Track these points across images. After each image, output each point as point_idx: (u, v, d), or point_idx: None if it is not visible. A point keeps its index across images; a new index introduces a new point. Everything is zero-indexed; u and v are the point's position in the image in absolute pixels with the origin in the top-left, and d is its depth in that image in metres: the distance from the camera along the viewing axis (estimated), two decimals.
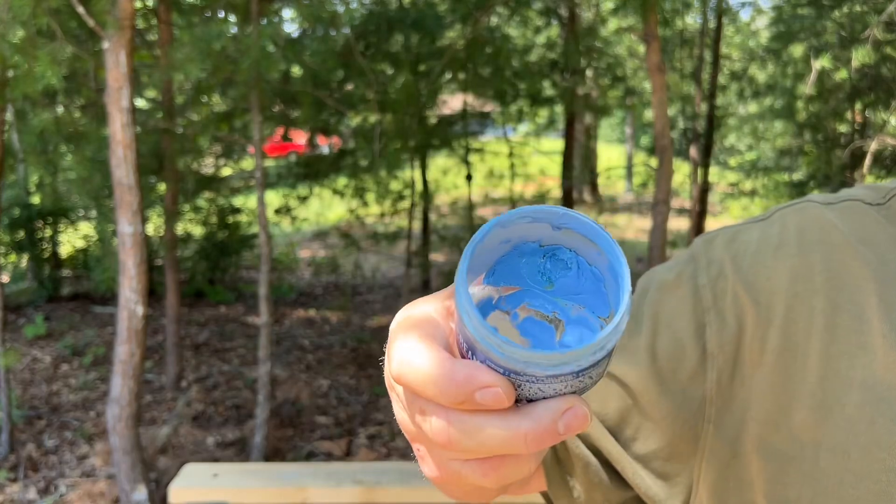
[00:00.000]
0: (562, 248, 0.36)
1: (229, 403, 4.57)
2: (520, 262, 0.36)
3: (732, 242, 0.59)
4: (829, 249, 0.54)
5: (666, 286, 0.60)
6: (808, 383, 0.51)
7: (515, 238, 0.35)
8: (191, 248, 7.89)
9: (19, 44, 2.80)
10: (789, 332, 0.53)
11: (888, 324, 0.49)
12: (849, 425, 0.49)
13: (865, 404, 0.49)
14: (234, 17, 4.20)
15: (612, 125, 25.26)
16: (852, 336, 0.51)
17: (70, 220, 7.19)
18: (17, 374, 4.99)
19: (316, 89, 3.91)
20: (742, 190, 10.15)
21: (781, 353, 0.53)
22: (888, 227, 0.53)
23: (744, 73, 9.93)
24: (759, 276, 0.55)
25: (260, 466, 1.86)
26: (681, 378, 0.57)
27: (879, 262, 0.52)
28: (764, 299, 0.54)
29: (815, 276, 0.53)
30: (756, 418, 0.53)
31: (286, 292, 7.94)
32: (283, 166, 7.60)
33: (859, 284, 0.52)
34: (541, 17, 7.55)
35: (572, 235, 0.35)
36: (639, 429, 0.59)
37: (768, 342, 0.54)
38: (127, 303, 2.93)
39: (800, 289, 0.53)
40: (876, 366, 0.49)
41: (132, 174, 2.87)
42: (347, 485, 1.67)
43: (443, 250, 6.27)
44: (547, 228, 0.35)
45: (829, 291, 0.52)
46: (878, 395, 0.49)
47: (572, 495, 0.62)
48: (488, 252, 0.35)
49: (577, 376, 0.33)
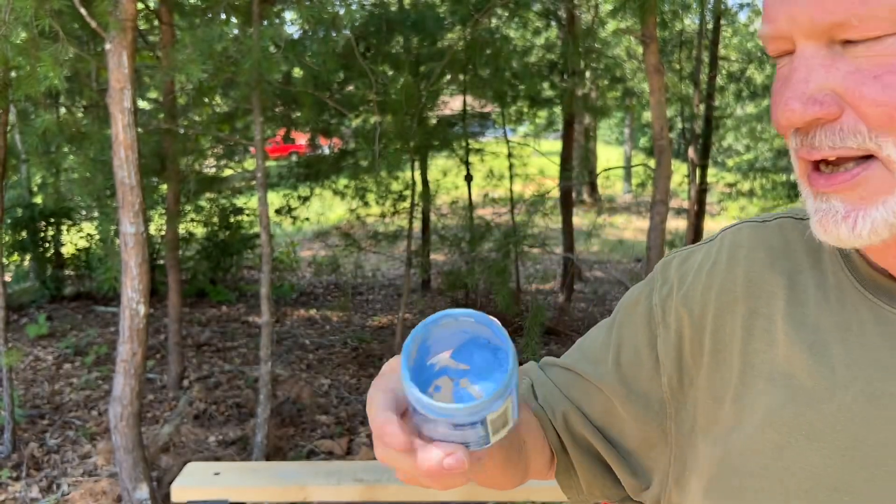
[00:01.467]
0: (501, 349, 0.52)
1: (231, 402, 4.59)
2: (473, 349, 0.53)
3: (683, 264, 0.68)
4: (751, 263, 0.63)
5: (629, 305, 0.71)
6: (732, 378, 0.60)
7: (471, 331, 0.53)
8: (193, 248, 7.91)
9: (22, 45, 2.82)
10: (717, 336, 0.62)
11: (790, 323, 0.58)
12: (750, 409, 0.58)
13: (765, 391, 0.57)
14: (235, 19, 4.22)
15: (611, 126, 25.25)
16: (764, 335, 0.59)
17: (72, 221, 7.21)
18: (20, 373, 5.01)
19: (317, 90, 3.93)
20: (740, 190, 10.16)
21: (714, 354, 0.62)
22: (809, 239, 0.60)
23: (742, 75, 9.95)
24: (695, 291, 0.64)
25: (261, 465, 1.87)
26: (642, 383, 0.67)
27: (794, 270, 0.61)
28: (698, 310, 0.63)
29: (737, 288, 0.62)
30: (701, 413, 0.62)
31: (287, 292, 7.97)
32: (284, 167, 7.62)
33: (773, 291, 0.60)
34: (540, 18, 7.56)
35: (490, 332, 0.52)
36: (622, 428, 0.68)
37: (704, 346, 0.63)
38: (129, 302, 2.95)
39: (725, 299, 0.62)
40: (778, 359, 0.58)
41: (134, 174, 2.89)
42: (348, 483, 1.68)
43: (443, 250, 6.29)
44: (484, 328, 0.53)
45: (747, 299, 0.61)
46: (777, 383, 0.57)
47: (581, 487, 0.72)
48: (451, 334, 0.52)
49: (455, 427, 0.48)
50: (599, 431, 0.69)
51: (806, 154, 0.52)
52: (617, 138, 25.36)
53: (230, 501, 1.68)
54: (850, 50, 0.49)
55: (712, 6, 7.57)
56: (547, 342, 6.21)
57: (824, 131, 0.50)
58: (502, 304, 4.54)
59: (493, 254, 4.93)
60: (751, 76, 10.35)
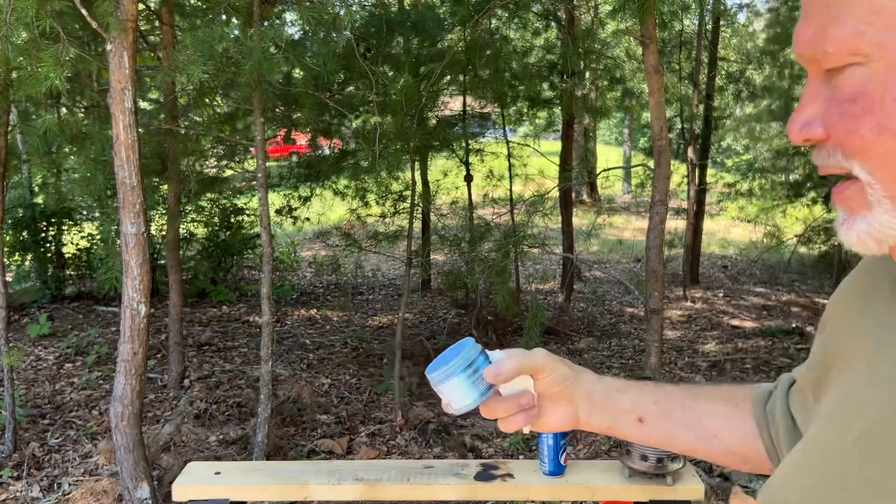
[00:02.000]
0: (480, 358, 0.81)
1: (231, 402, 4.60)
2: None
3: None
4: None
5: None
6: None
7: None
8: (194, 248, 7.93)
9: (23, 45, 2.83)
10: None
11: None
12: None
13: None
14: (236, 20, 4.24)
15: (611, 127, 25.25)
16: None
17: (73, 221, 7.22)
18: (21, 373, 5.02)
19: (317, 91, 3.94)
20: (739, 191, 10.17)
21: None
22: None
23: (741, 75, 9.96)
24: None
25: (262, 464, 1.88)
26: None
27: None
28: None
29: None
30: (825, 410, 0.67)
31: (288, 292, 7.98)
32: (284, 167, 7.63)
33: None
34: (540, 19, 7.57)
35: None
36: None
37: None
38: (130, 302, 2.96)
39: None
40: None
41: (135, 175, 2.90)
42: (348, 482, 1.69)
43: (443, 250, 6.30)
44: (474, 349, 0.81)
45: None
46: None
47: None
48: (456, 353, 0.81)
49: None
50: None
51: (818, 169, 0.59)
52: (616, 139, 25.38)
53: (231, 500, 1.68)
54: (831, 78, 0.54)
55: (711, 7, 7.58)
56: (547, 342, 6.22)
57: (818, 151, 0.57)
58: (502, 304, 4.55)
59: (493, 254, 4.93)
60: (750, 77, 10.36)
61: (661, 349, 3.70)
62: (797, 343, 6.31)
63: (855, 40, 0.50)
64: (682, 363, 5.80)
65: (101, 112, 4.70)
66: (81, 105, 5.21)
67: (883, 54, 0.50)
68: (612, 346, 6.28)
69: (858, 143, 0.52)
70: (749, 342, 6.42)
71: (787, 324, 7.00)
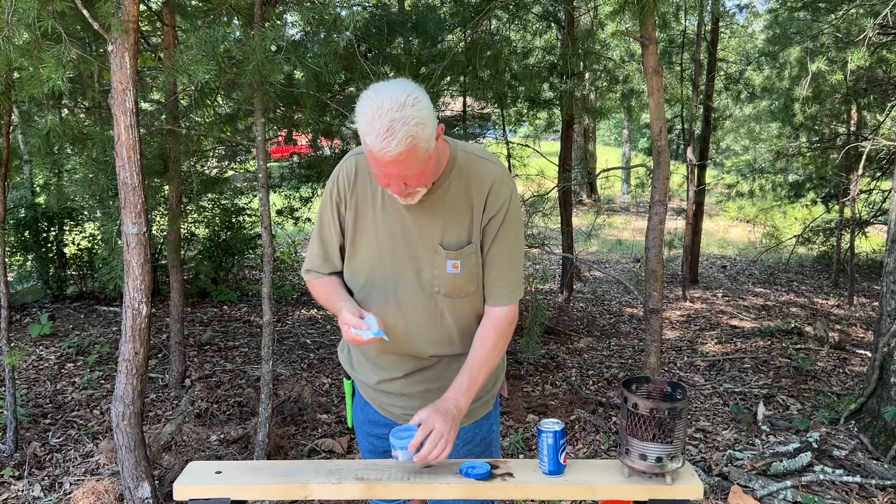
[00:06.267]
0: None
1: (232, 401, 4.62)
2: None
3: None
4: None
5: None
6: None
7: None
8: (195, 248, 7.94)
9: (25, 46, 2.83)
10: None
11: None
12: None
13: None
14: (237, 21, 4.25)
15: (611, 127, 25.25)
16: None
17: (75, 221, 7.23)
18: (23, 372, 5.04)
19: (318, 92, 3.94)
20: (739, 191, 10.19)
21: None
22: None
23: (740, 76, 9.97)
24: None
25: (263, 464, 1.89)
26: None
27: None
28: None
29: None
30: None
31: (289, 292, 7.99)
32: (286, 168, 7.64)
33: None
34: (540, 20, 7.59)
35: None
36: None
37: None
38: (131, 302, 2.98)
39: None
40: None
41: (137, 175, 2.91)
42: (349, 481, 1.69)
43: None
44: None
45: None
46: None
47: None
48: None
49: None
50: None
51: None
52: (616, 139, 25.37)
53: (232, 500, 1.69)
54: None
55: (710, 8, 7.59)
56: (546, 342, 6.24)
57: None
58: None
59: None
60: (749, 78, 10.37)
61: (660, 349, 3.72)
62: (796, 343, 6.33)
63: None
64: (681, 363, 5.81)
65: (103, 113, 4.71)
66: (83, 106, 5.22)
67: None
68: (611, 346, 6.29)
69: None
70: (748, 342, 6.43)
71: (785, 324, 7.01)
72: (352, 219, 1.82)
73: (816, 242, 10.32)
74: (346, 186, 1.82)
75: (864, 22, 6.69)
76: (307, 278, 1.95)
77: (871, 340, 6.25)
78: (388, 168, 1.58)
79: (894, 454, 3.77)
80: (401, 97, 1.54)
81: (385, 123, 1.52)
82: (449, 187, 1.76)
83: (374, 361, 1.95)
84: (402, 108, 1.53)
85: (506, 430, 4.24)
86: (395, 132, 1.52)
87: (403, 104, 1.53)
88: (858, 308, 8.05)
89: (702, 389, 5.12)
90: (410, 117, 1.54)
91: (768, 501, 3.37)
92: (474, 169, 1.79)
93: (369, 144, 1.55)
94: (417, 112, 1.55)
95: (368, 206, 1.81)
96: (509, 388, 4.92)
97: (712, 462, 3.79)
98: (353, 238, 1.84)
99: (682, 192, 9.15)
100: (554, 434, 1.68)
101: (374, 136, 1.53)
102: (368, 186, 1.81)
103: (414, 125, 1.54)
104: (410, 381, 1.92)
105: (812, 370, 5.49)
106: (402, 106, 1.53)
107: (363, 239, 1.82)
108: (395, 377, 1.92)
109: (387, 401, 1.97)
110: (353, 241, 1.84)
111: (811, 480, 3.56)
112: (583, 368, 5.61)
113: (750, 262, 11.19)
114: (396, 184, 1.64)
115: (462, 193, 1.77)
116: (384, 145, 1.53)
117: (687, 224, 8.58)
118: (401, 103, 1.53)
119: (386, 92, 1.55)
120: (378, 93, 1.55)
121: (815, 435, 3.94)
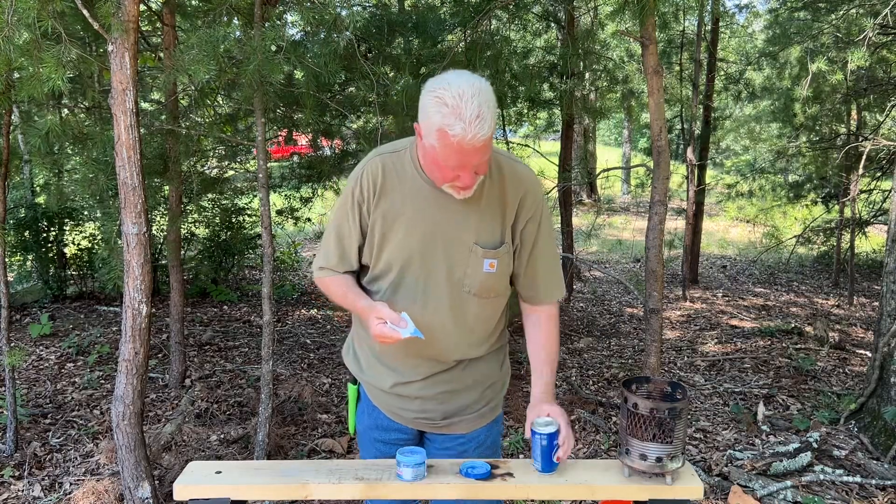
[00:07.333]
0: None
1: (232, 401, 4.62)
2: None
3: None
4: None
5: None
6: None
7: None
8: (195, 248, 7.94)
9: (25, 46, 2.83)
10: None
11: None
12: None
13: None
14: (237, 21, 4.24)
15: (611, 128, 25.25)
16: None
17: (75, 221, 7.23)
18: (23, 372, 5.04)
19: (318, 92, 3.94)
20: (739, 191, 10.19)
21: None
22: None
23: (740, 76, 9.97)
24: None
25: (263, 464, 1.89)
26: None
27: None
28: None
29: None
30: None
31: (289, 292, 7.99)
32: (286, 168, 7.64)
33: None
34: (540, 20, 7.59)
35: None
36: None
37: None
38: (131, 302, 2.98)
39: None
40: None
41: (137, 175, 2.91)
42: (349, 481, 1.70)
43: None
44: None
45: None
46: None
47: None
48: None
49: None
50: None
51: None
52: (616, 139, 25.38)
53: (232, 500, 1.69)
54: None
55: (710, 8, 7.59)
56: None
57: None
58: None
59: None
60: (749, 78, 10.38)
61: (660, 349, 3.71)
62: (796, 343, 6.33)
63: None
64: (681, 363, 5.81)
65: (103, 113, 4.72)
66: (83, 106, 5.22)
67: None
68: (611, 346, 6.29)
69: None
70: (748, 342, 6.43)
71: (786, 324, 7.01)
72: (378, 219, 1.76)
73: (816, 242, 10.32)
74: (371, 187, 1.75)
75: (864, 22, 6.70)
76: (320, 276, 1.89)
77: (871, 340, 6.25)
78: (473, 156, 1.55)
79: (894, 454, 3.78)
80: (475, 82, 1.53)
81: (474, 109, 1.49)
82: (483, 187, 1.73)
83: (388, 364, 1.90)
84: (481, 92, 1.52)
85: (506, 430, 4.24)
86: (484, 116, 1.51)
87: (480, 89, 1.52)
88: (858, 308, 8.05)
89: (702, 389, 5.12)
90: (490, 100, 1.54)
91: (768, 501, 3.37)
92: (507, 170, 1.77)
93: (458, 134, 1.50)
94: (491, 94, 1.55)
95: (398, 206, 1.75)
96: (509, 388, 4.92)
97: (712, 462, 3.79)
98: (380, 238, 1.78)
99: (682, 192, 9.15)
100: (548, 436, 1.68)
101: (463, 124, 1.49)
102: (398, 186, 1.75)
103: (494, 107, 1.55)
104: (429, 384, 1.89)
105: (812, 370, 5.49)
106: (480, 90, 1.52)
107: (391, 239, 1.77)
108: (413, 380, 1.88)
109: (400, 404, 1.92)
110: (379, 242, 1.78)
111: (811, 480, 3.56)
112: (583, 368, 5.61)
113: (750, 262, 11.19)
114: (469, 173, 1.60)
115: (497, 194, 1.76)
116: (476, 131, 1.50)
117: (687, 224, 8.58)
118: (478, 88, 1.52)
119: (457, 81, 1.53)
120: (450, 83, 1.52)
121: (815, 435, 3.94)
